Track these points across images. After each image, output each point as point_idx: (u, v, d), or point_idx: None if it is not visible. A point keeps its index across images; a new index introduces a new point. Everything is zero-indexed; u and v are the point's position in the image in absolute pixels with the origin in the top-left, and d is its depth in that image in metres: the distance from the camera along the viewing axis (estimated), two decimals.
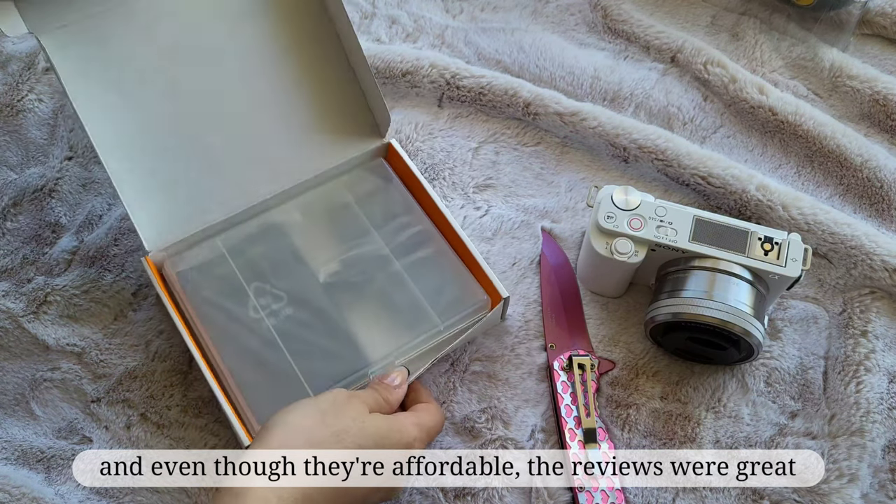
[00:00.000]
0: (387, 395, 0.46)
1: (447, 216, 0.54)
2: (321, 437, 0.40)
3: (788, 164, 0.62)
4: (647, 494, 0.50)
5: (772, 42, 0.68)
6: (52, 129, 0.65)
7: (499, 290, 0.51)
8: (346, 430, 0.41)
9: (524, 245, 0.59)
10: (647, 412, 0.52)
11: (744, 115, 0.64)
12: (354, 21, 0.72)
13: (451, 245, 0.55)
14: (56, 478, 0.52)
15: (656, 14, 0.70)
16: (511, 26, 0.70)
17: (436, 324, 0.51)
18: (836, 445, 0.50)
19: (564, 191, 0.62)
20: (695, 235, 0.50)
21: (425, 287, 0.52)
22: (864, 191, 0.60)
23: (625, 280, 0.55)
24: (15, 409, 0.54)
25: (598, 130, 0.62)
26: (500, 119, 0.65)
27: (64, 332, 0.56)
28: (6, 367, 0.55)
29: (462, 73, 0.65)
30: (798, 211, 0.57)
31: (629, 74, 0.67)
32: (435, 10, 0.72)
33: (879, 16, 0.68)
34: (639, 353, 0.55)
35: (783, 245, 0.50)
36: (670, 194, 0.61)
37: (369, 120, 0.58)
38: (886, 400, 0.52)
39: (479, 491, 0.50)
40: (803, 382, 0.53)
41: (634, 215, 0.51)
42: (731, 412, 0.52)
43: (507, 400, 0.53)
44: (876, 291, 0.55)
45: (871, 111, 0.64)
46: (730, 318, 0.48)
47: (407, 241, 0.54)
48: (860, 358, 0.53)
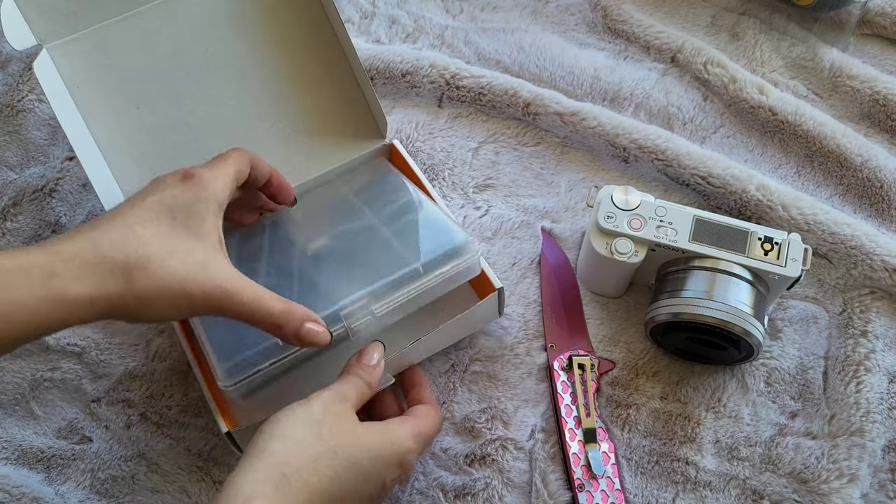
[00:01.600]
0: (368, 379, 0.45)
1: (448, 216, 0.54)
2: (319, 452, 0.39)
3: (788, 164, 0.62)
4: (646, 494, 0.50)
5: (772, 42, 0.68)
6: (52, 130, 0.65)
7: (492, 282, 0.51)
8: (343, 446, 0.40)
9: (524, 245, 0.59)
10: (647, 412, 0.52)
11: (744, 115, 0.64)
12: (354, 21, 0.72)
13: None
14: (56, 477, 0.52)
15: (656, 14, 0.70)
16: (511, 26, 0.70)
17: (411, 263, 0.48)
18: (836, 445, 0.50)
19: (564, 191, 0.62)
20: (695, 235, 0.50)
21: (408, 241, 0.50)
22: (864, 191, 0.60)
23: (625, 280, 0.55)
24: (15, 408, 0.54)
25: (598, 130, 0.62)
26: (500, 119, 0.65)
27: (64, 332, 0.56)
28: (6, 366, 0.55)
29: (462, 73, 0.65)
30: (798, 211, 0.57)
31: (629, 74, 0.67)
32: (435, 10, 0.72)
33: (879, 16, 0.68)
34: (639, 353, 0.55)
35: (783, 245, 0.50)
36: (670, 194, 0.61)
37: (370, 122, 0.58)
38: (886, 400, 0.52)
39: (479, 491, 0.50)
40: (803, 382, 0.53)
41: (634, 215, 0.51)
42: (731, 412, 0.52)
43: (507, 400, 0.53)
44: (876, 291, 0.55)
45: (871, 111, 0.64)
46: (730, 318, 0.48)
47: (397, 210, 0.53)
48: (860, 358, 0.53)
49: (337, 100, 0.58)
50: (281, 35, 0.57)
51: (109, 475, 0.52)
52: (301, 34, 0.57)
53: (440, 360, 0.55)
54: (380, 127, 0.58)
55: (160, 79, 0.54)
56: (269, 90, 0.57)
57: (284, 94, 0.57)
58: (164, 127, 0.54)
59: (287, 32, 0.57)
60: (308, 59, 0.57)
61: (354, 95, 0.58)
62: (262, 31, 0.56)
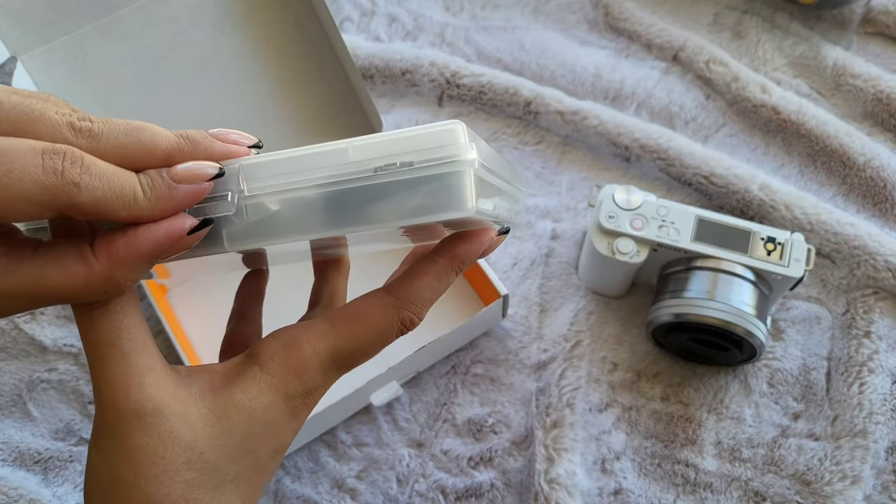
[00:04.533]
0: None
1: None
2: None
3: (791, 164, 0.62)
4: (648, 496, 0.49)
5: (774, 40, 0.68)
6: None
7: (497, 289, 0.51)
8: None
9: (525, 245, 0.59)
10: (649, 413, 0.52)
11: (746, 114, 0.64)
12: (353, 19, 0.71)
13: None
14: (53, 479, 0.51)
15: (658, 12, 0.70)
16: (512, 24, 0.70)
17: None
18: (839, 447, 0.50)
19: (566, 190, 0.61)
20: (697, 235, 0.50)
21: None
22: (868, 190, 0.60)
23: (626, 280, 0.54)
24: (12, 410, 0.54)
25: (600, 129, 0.61)
26: (500, 118, 0.65)
27: (61, 332, 0.56)
28: (3, 368, 0.55)
29: (462, 72, 0.64)
30: (801, 211, 0.56)
31: (631, 73, 0.66)
32: (435, 8, 0.72)
33: (882, 14, 0.68)
34: (641, 353, 0.54)
35: (786, 245, 0.49)
36: (672, 194, 0.61)
37: (364, 122, 0.58)
38: (890, 401, 0.51)
39: (484, 493, 0.50)
40: (806, 383, 0.53)
41: (636, 215, 0.51)
42: (734, 413, 0.52)
43: (508, 402, 0.53)
44: (879, 292, 0.55)
45: (874, 110, 0.64)
46: (732, 318, 0.47)
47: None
48: (863, 359, 0.52)
49: (329, 100, 0.57)
50: (267, 34, 0.55)
51: None
52: (288, 32, 0.55)
53: (441, 362, 0.54)
54: (374, 127, 0.57)
55: (142, 85, 0.52)
56: (257, 93, 0.55)
57: (274, 97, 0.56)
58: None
59: (273, 31, 0.55)
60: (297, 57, 0.56)
61: (347, 95, 0.57)
62: (248, 30, 0.55)
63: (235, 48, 0.55)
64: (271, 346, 0.27)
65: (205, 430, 0.25)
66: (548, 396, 0.52)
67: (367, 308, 0.28)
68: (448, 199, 0.24)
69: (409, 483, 0.51)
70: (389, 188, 0.24)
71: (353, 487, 0.51)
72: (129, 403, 0.25)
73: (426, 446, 0.52)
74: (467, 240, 0.28)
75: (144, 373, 0.25)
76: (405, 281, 0.28)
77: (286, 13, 0.55)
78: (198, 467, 0.25)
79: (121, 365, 0.25)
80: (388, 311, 0.28)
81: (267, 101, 0.56)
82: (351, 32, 0.70)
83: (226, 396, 0.26)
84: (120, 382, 0.25)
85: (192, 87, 0.54)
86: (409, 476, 0.51)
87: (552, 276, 0.58)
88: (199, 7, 0.54)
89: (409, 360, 0.49)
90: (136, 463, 0.25)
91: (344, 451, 0.52)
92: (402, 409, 0.53)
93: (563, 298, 0.57)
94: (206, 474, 0.26)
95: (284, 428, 0.27)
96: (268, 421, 0.27)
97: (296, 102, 0.56)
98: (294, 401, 0.27)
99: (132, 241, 0.23)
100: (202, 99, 0.54)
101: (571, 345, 0.54)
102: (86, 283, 0.23)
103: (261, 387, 0.26)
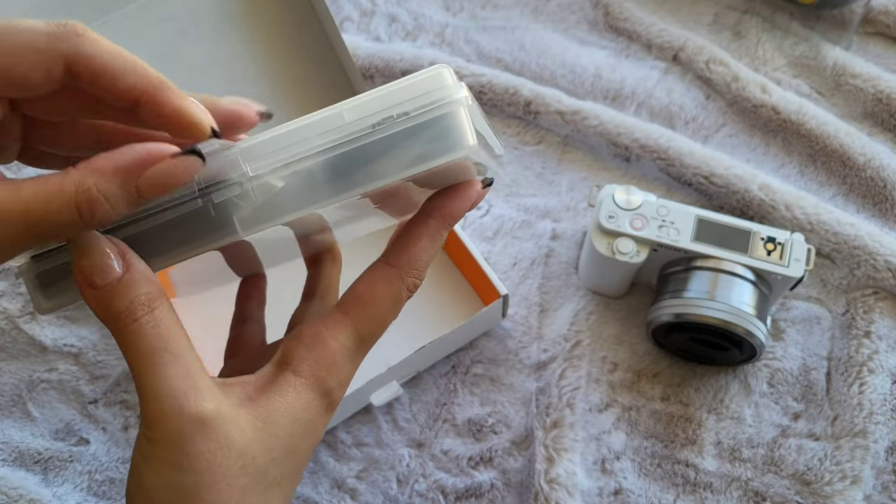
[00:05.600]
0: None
1: None
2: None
3: (791, 164, 0.62)
4: (648, 496, 0.49)
5: (774, 40, 0.68)
6: None
7: (497, 289, 0.51)
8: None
9: (525, 245, 0.59)
10: (649, 413, 0.52)
11: (746, 114, 0.64)
12: (353, 18, 0.71)
13: (451, 245, 0.54)
14: (54, 479, 0.51)
15: (658, 12, 0.70)
16: (512, 24, 0.70)
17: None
18: (840, 447, 0.50)
19: (566, 190, 0.61)
20: (697, 235, 0.50)
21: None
22: (868, 190, 0.60)
23: (626, 280, 0.54)
24: (12, 410, 0.54)
25: (600, 129, 0.61)
26: (500, 118, 0.65)
27: (61, 332, 0.56)
28: (3, 368, 0.55)
29: (462, 72, 0.64)
30: (801, 211, 0.56)
31: (631, 73, 0.66)
32: (435, 8, 0.72)
33: (882, 14, 0.68)
34: (641, 353, 0.54)
35: (786, 245, 0.49)
36: (672, 194, 0.61)
37: None
38: (890, 401, 0.51)
39: (484, 493, 0.50)
40: (806, 383, 0.53)
41: (636, 215, 0.51)
42: (734, 413, 0.52)
43: (508, 402, 0.53)
44: (879, 292, 0.55)
45: (875, 110, 0.64)
46: (732, 318, 0.47)
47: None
48: (863, 359, 0.52)
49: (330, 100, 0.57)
50: (267, 34, 0.55)
51: (107, 477, 0.51)
52: (288, 32, 0.56)
53: (441, 362, 0.54)
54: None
55: None
56: (257, 93, 0.55)
57: (274, 97, 0.56)
58: None
59: (273, 31, 0.55)
60: (297, 58, 0.56)
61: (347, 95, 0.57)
62: (248, 30, 0.55)
63: (235, 48, 0.55)
64: (297, 350, 0.27)
65: (254, 434, 0.26)
66: (548, 396, 0.52)
67: (374, 285, 0.28)
68: (449, 141, 0.24)
69: (409, 483, 0.51)
70: (390, 141, 0.24)
71: (353, 487, 0.51)
72: (192, 409, 0.25)
73: (426, 446, 0.52)
74: (454, 196, 0.29)
75: (199, 376, 0.25)
76: (402, 249, 0.28)
77: (286, 13, 0.55)
78: (251, 472, 0.25)
79: (180, 369, 0.25)
80: (393, 282, 0.28)
81: (267, 101, 0.55)
82: (351, 32, 0.70)
83: (265, 403, 0.26)
84: (181, 387, 0.25)
85: (192, 87, 0.54)
86: (409, 476, 0.51)
87: (552, 276, 0.58)
88: (199, 7, 0.54)
89: (409, 360, 0.49)
90: (197, 472, 0.24)
91: (344, 451, 0.52)
92: (402, 409, 0.53)
93: (563, 298, 0.57)
94: (258, 479, 0.26)
95: (322, 423, 0.28)
96: (308, 419, 0.27)
97: (296, 102, 0.56)
98: (330, 395, 0.28)
99: (112, 154, 0.23)
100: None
101: (571, 345, 0.54)
102: (59, 187, 0.22)
103: (298, 390, 0.27)
